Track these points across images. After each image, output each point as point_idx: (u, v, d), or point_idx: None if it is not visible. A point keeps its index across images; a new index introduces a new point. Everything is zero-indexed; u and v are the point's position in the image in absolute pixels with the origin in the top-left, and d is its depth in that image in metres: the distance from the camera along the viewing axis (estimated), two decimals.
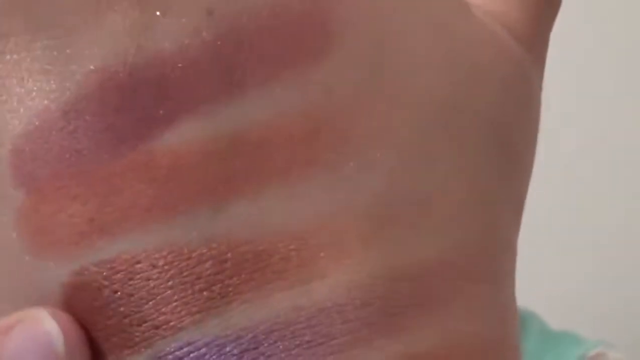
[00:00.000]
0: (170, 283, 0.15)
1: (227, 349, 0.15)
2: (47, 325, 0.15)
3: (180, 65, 0.15)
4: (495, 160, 0.16)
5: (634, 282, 0.95)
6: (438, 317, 0.15)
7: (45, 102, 0.15)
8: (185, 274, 0.15)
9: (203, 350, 0.15)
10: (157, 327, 0.15)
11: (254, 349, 0.15)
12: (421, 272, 0.15)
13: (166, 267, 0.15)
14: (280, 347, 0.15)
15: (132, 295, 0.15)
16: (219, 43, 0.15)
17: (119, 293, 0.15)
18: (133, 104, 0.15)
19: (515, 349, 0.17)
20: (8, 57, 0.15)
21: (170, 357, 0.15)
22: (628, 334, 0.87)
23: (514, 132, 0.17)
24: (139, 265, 0.15)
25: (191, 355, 0.15)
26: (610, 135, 0.94)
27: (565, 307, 0.86)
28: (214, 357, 0.15)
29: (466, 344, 0.16)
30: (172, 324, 0.15)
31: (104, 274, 0.15)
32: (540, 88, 0.18)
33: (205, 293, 0.15)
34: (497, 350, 0.16)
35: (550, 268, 0.94)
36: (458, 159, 0.16)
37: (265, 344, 0.15)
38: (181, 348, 0.15)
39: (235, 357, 0.15)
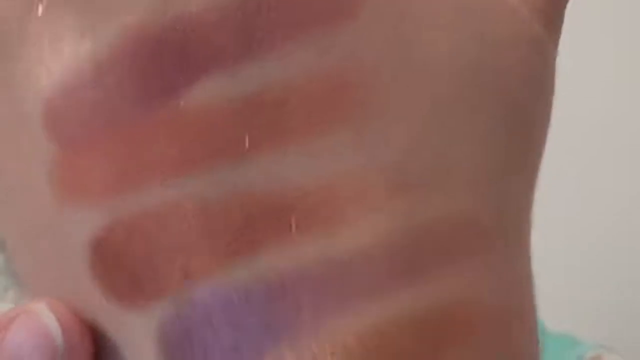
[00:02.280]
0: (198, 232, 0.15)
1: (255, 294, 0.15)
2: (45, 318, 0.16)
3: (205, 26, 0.15)
4: (512, 134, 0.17)
5: (634, 283, 0.95)
6: (459, 271, 0.16)
7: (79, 59, 0.16)
8: (212, 223, 0.15)
9: (232, 295, 0.15)
10: (186, 274, 0.15)
11: (282, 295, 0.15)
12: (444, 227, 0.16)
13: (194, 218, 0.15)
14: (307, 294, 0.15)
15: (161, 244, 0.15)
16: (241, 4, 0.15)
17: (149, 242, 0.15)
18: (162, 63, 0.15)
19: (530, 316, 0.17)
20: (43, 15, 0.16)
21: (199, 301, 0.15)
22: (627, 336, 0.87)
23: (531, 107, 0.17)
24: (168, 216, 0.15)
25: (220, 299, 0.15)
26: (609, 135, 0.95)
27: (563, 309, 0.87)
28: (242, 302, 0.15)
29: (486, 300, 0.16)
30: (201, 270, 0.15)
31: (135, 224, 0.15)
32: (554, 64, 0.19)
33: (233, 242, 0.15)
34: (509, 316, 0.17)
35: (549, 268, 0.95)
36: (477, 130, 0.16)
37: (292, 292, 0.15)
38: (210, 292, 0.15)
39: (262, 301, 0.15)
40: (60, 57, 0.16)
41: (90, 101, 0.16)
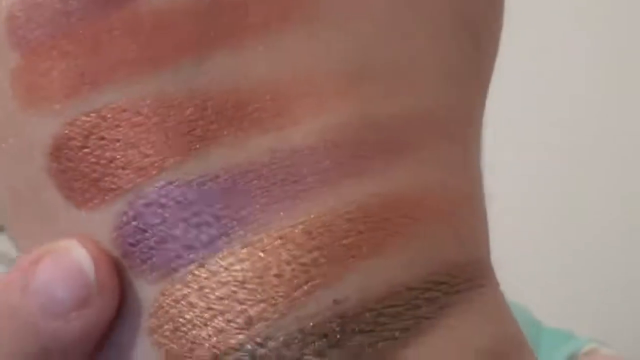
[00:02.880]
0: (154, 128, 0.16)
1: (206, 186, 0.16)
2: (77, 253, 0.16)
3: None
4: (462, 43, 0.18)
5: (633, 282, 0.95)
6: (406, 163, 0.16)
7: None
8: (168, 119, 0.16)
9: (184, 188, 0.16)
10: (141, 169, 0.16)
11: (232, 187, 0.16)
12: (391, 122, 0.16)
13: (150, 114, 0.16)
14: (256, 185, 0.16)
15: (118, 140, 0.16)
16: None
17: (105, 140, 0.16)
18: None
19: (482, 206, 0.18)
20: None
21: (154, 195, 0.16)
22: (627, 333, 0.87)
23: (480, 20, 0.18)
24: (125, 113, 0.16)
25: (173, 193, 0.16)
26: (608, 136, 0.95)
27: (561, 305, 0.87)
28: (194, 194, 0.16)
29: (434, 190, 0.16)
30: (155, 165, 0.16)
31: (93, 122, 0.16)
32: None
33: (186, 137, 0.16)
34: (467, 201, 0.17)
35: (547, 267, 0.94)
36: (428, 38, 0.17)
37: (242, 182, 0.16)
38: (163, 187, 0.16)
39: (213, 194, 0.16)
40: None
41: (49, 8, 0.16)
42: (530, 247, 0.95)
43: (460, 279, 0.16)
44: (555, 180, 0.96)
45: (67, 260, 0.16)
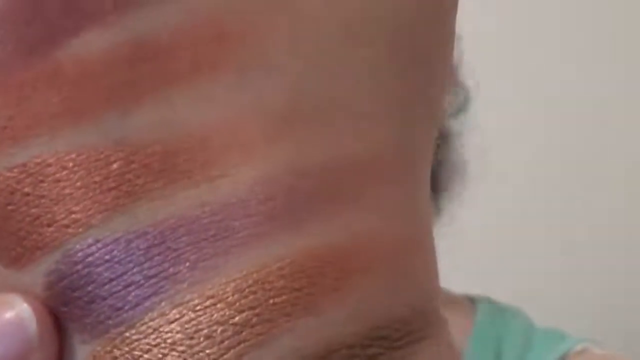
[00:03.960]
0: (79, 183, 0.15)
1: (134, 244, 0.15)
2: (19, 308, 0.15)
3: None
4: (407, 67, 0.17)
5: (630, 281, 0.95)
6: (344, 213, 0.16)
7: None
8: (93, 174, 0.15)
9: (111, 246, 0.15)
10: (66, 226, 0.15)
11: (160, 243, 0.15)
12: (326, 169, 0.16)
13: (75, 169, 0.15)
14: (186, 241, 0.15)
15: (42, 196, 0.15)
16: None
17: (30, 196, 0.15)
18: (42, 16, 0.15)
19: (429, 250, 0.17)
20: None
21: (80, 254, 0.15)
22: (620, 332, 0.87)
23: (426, 41, 0.17)
24: (49, 168, 0.15)
25: (100, 251, 0.15)
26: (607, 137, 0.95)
27: (555, 305, 0.86)
28: (121, 252, 0.15)
29: (374, 239, 0.16)
30: (81, 222, 0.15)
31: (16, 178, 0.15)
32: None
33: (113, 192, 0.15)
34: (408, 248, 0.16)
35: (545, 266, 0.94)
36: (368, 65, 0.16)
37: (171, 239, 0.15)
38: (90, 245, 0.15)
39: (142, 252, 0.15)
40: None
41: None
42: (530, 247, 0.95)
43: (402, 332, 0.16)
44: (555, 180, 0.96)
45: (9, 314, 0.15)
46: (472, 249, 0.84)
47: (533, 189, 0.97)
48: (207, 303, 0.15)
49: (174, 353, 0.15)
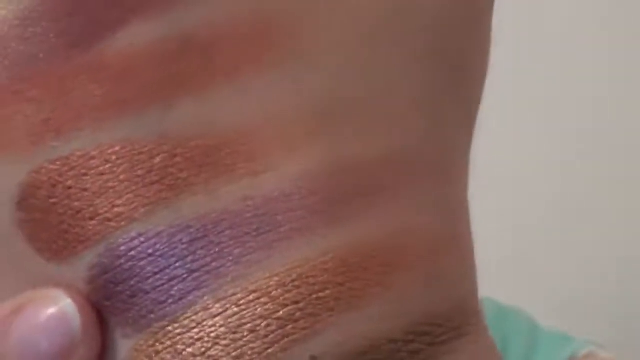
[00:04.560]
0: (122, 177, 0.15)
1: (177, 238, 0.15)
2: (63, 303, 0.15)
3: None
4: (442, 65, 0.17)
5: (630, 282, 0.95)
6: (383, 208, 0.16)
7: (3, 12, 0.16)
8: (136, 167, 0.15)
9: (154, 240, 0.15)
10: (109, 220, 0.15)
11: (203, 237, 0.15)
12: (366, 165, 0.16)
13: (119, 162, 0.15)
14: (229, 235, 0.15)
15: (85, 190, 0.15)
16: None
17: (73, 189, 0.15)
18: (85, 9, 0.15)
19: (468, 246, 0.17)
20: None
21: (122, 248, 0.15)
22: (622, 334, 0.87)
23: (462, 38, 0.17)
24: (92, 161, 0.15)
25: (143, 245, 0.15)
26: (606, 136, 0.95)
27: (558, 307, 0.86)
28: (164, 246, 0.15)
29: (413, 234, 0.16)
30: (124, 216, 0.15)
31: (59, 170, 0.15)
32: None
33: (156, 186, 0.15)
34: (447, 244, 0.16)
35: (545, 267, 0.94)
36: (404, 63, 0.16)
37: (214, 233, 0.15)
38: (133, 239, 0.15)
39: (185, 246, 0.15)
40: None
41: (15, 51, 0.16)
42: (530, 247, 0.95)
43: (444, 328, 0.16)
44: (554, 180, 0.96)
45: (52, 310, 0.15)
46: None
47: (533, 188, 0.97)
48: (251, 297, 0.15)
49: (217, 347, 0.15)
